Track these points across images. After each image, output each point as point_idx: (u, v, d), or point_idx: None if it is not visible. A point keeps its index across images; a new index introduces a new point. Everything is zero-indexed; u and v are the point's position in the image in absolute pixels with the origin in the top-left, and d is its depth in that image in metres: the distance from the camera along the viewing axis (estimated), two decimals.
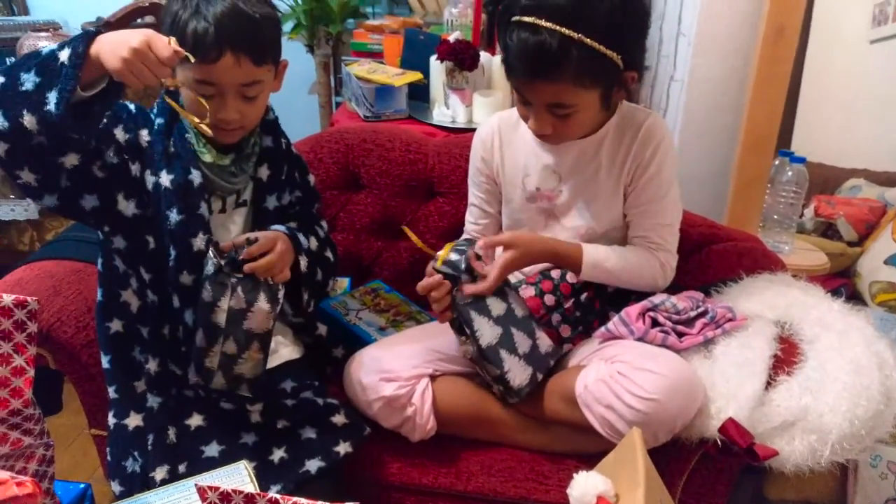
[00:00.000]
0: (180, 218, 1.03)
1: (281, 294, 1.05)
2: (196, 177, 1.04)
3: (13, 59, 0.93)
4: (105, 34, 0.87)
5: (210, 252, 1.01)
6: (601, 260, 1.14)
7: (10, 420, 0.84)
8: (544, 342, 1.16)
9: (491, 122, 1.27)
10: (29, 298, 0.82)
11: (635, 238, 1.18)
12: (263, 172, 1.13)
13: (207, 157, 1.06)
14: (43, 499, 0.88)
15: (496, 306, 1.10)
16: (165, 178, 1.03)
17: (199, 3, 0.97)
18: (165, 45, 0.85)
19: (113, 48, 0.84)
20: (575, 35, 0.98)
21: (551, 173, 1.20)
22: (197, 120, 0.98)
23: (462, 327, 1.09)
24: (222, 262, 1.01)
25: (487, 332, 1.08)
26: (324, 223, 1.27)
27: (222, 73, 0.98)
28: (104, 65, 0.85)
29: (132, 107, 1.07)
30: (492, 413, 1.16)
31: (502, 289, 1.12)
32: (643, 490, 0.71)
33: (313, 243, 1.18)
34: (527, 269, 1.24)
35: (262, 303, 1.03)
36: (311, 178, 1.26)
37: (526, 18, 1.00)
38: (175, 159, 1.04)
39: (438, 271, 1.09)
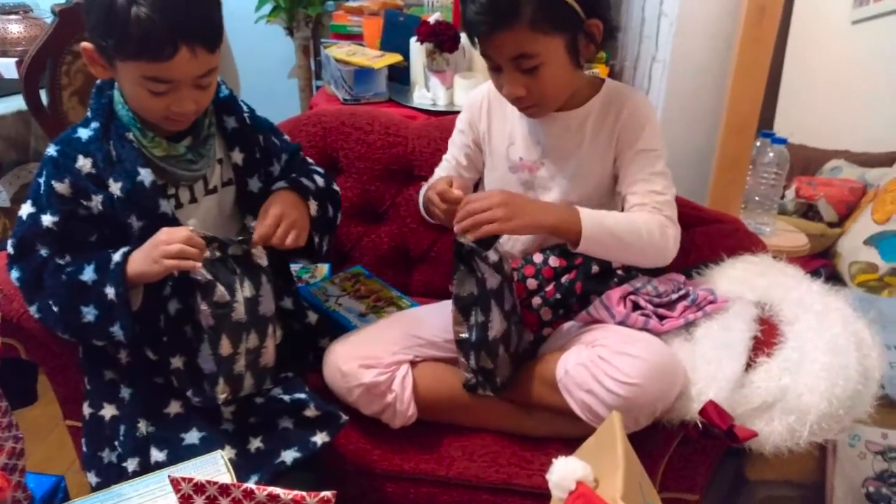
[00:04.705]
0: (142, 223, 0.99)
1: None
2: (146, 176, 0.98)
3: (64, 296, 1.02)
4: (132, 260, 0.96)
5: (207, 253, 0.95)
6: (600, 216, 1.05)
7: None
8: (525, 339, 1.15)
9: (482, 88, 1.26)
10: None
11: (633, 207, 1.11)
12: (237, 157, 1.09)
13: (158, 151, 1.00)
14: (13, 492, 0.86)
15: (508, 299, 1.07)
16: (115, 187, 0.97)
17: None
18: (181, 235, 0.92)
19: (146, 267, 0.94)
20: None
21: (535, 144, 1.19)
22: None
23: (469, 310, 1.06)
24: (228, 254, 0.97)
25: (498, 324, 1.06)
26: (310, 161, 1.23)
27: (178, 68, 0.90)
28: (149, 279, 0.96)
29: (50, 182, 0.98)
30: (473, 399, 1.15)
31: (510, 283, 1.09)
32: (622, 473, 0.70)
33: (319, 181, 1.14)
34: (510, 248, 1.22)
35: (266, 283, 1.01)
36: (283, 135, 1.21)
37: None
38: (118, 164, 0.98)
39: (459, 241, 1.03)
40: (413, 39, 1.86)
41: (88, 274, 0.96)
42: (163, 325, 1.03)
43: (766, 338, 1.03)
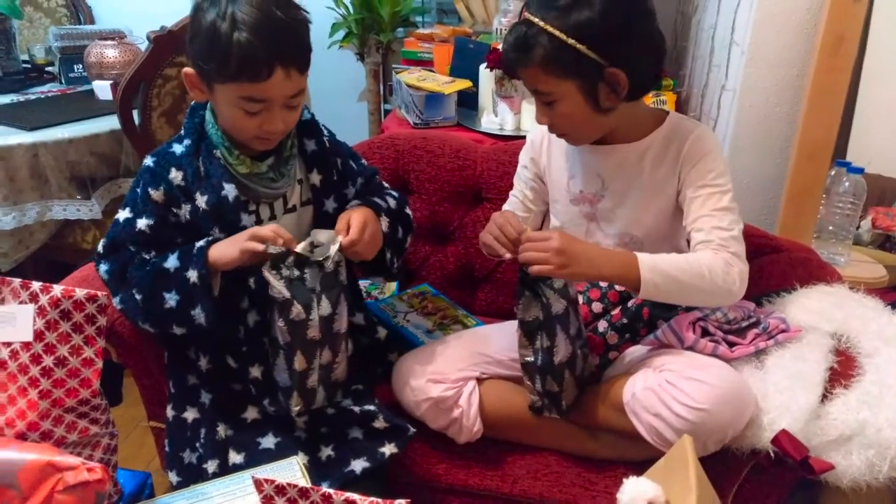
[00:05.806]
0: (223, 236, 1.04)
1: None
2: (230, 191, 1.03)
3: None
4: (215, 246, 1.01)
5: (282, 268, 0.98)
6: (659, 261, 1.04)
7: (79, 409, 0.88)
8: (591, 362, 1.16)
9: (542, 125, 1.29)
10: (99, 293, 0.86)
11: (698, 245, 1.10)
12: (315, 178, 1.13)
13: (242, 168, 1.05)
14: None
15: (573, 323, 1.09)
16: (201, 200, 1.04)
17: (232, 9, 0.93)
18: (266, 231, 0.98)
19: (228, 254, 0.99)
20: (542, 24, 1.01)
21: (595, 176, 1.20)
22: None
23: (534, 335, 1.08)
24: (305, 273, 0.99)
25: (563, 348, 1.07)
26: (387, 185, 1.27)
27: (273, 88, 0.96)
28: (227, 266, 1.00)
29: (146, 189, 1.06)
30: (537, 419, 1.16)
31: (575, 307, 1.10)
32: (695, 498, 0.70)
33: (391, 202, 1.19)
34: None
35: (343, 301, 1.04)
36: (361, 159, 1.25)
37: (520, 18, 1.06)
38: (206, 179, 1.04)
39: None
40: (483, 66, 1.90)
41: (172, 261, 1.02)
42: (242, 336, 1.09)
43: (843, 370, 1.01)
